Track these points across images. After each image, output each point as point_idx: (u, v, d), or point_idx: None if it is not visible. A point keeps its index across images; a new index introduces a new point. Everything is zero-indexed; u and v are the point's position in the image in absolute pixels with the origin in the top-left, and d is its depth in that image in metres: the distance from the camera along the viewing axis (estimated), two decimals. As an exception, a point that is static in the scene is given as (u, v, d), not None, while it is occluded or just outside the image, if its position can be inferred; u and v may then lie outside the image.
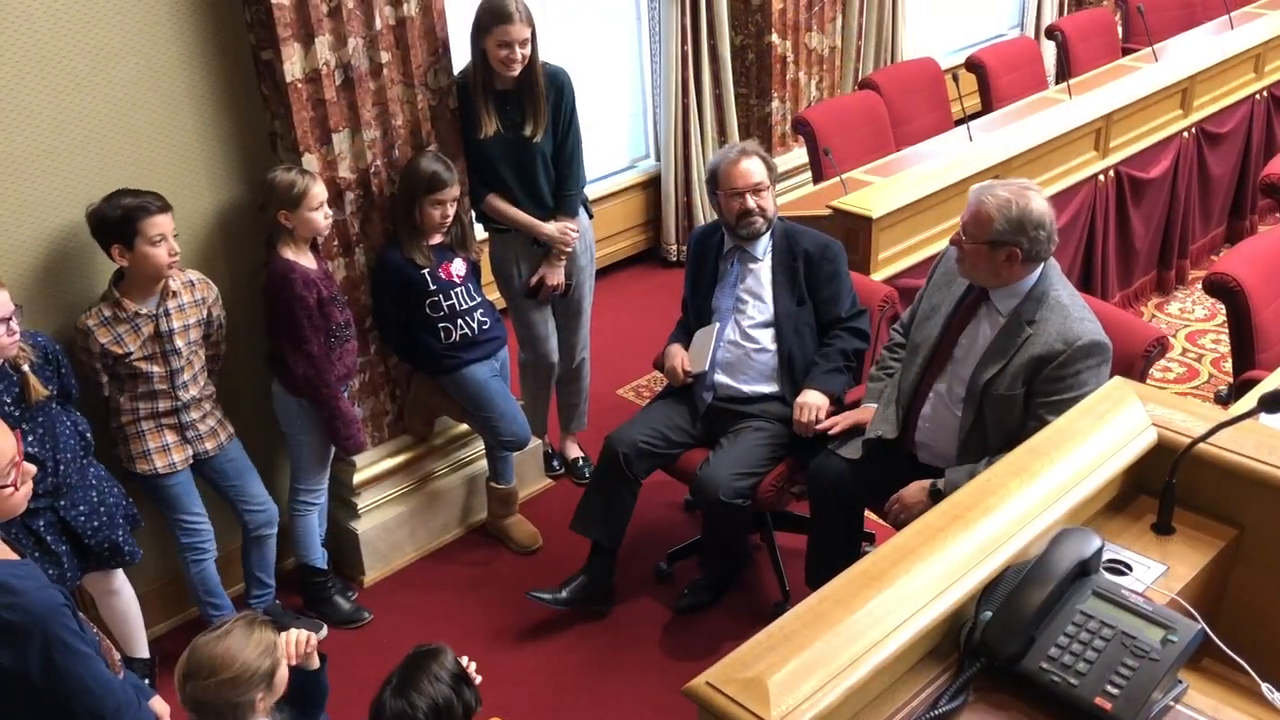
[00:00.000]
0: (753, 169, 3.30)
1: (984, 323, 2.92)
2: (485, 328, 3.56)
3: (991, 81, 5.41)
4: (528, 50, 3.44)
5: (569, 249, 3.77)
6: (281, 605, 3.50)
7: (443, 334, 3.48)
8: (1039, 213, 2.76)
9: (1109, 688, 1.59)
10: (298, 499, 3.46)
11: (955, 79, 4.67)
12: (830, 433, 3.20)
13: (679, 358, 3.47)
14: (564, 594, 3.49)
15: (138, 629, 3.24)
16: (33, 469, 2.03)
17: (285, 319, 3.16)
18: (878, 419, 3.14)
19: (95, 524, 2.88)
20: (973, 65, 5.46)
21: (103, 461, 3.04)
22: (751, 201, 3.30)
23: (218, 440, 3.21)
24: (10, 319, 2.60)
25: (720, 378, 3.41)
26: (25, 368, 2.69)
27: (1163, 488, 1.98)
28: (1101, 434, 2.03)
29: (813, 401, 3.26)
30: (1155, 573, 1.90)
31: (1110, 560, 1.88)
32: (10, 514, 2.01)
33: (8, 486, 1.94)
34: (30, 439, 2.71)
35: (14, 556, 2.05)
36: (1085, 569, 1.74)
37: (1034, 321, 2.80)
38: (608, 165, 5.58)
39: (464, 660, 2.41)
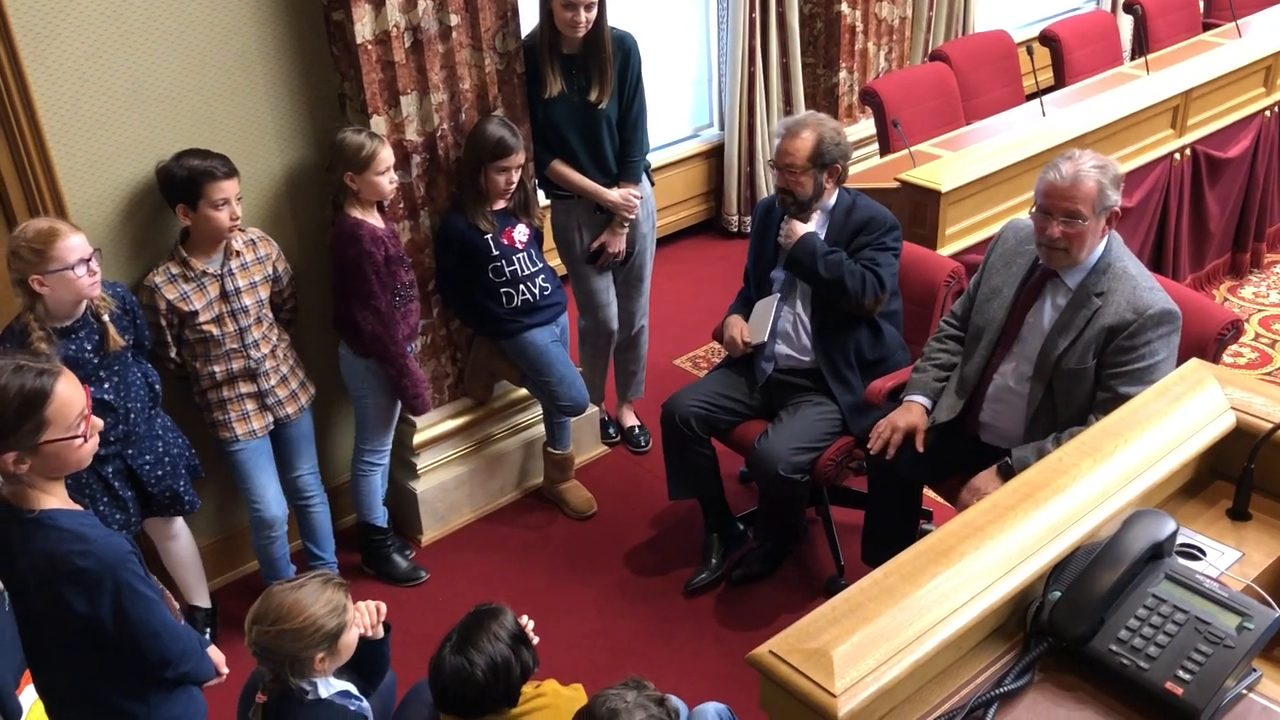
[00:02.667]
0: (792, 149, 3.21)
1: (1050, 300, 2.89)
2: (546, 293, 3.57)
3: (1066, 56, 5.29)
4: (593, 14, 3.42)
5: (632, 215, 3.76)
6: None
7: (504, 299, 3.50)
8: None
9: (1180, 673, 1.56)
10: (362, 459, 3.50)
11: (1030, 52, 4.57)
12: (889, 452, 3.06)
13: (738, 328, 3.45)
14: (714, 561, 3.54)
15: (198, 576, 3.31)
16: (100, 423, 2.07)
17: (354, 276, 3.18)
18: (940, 407, 3.09)
19: (159, 473, 2.95)
20: (1047, 38, 5.33)
21: (193, 425, 3.11)
22: (783, 179, 3.26)
23: (298, 404, 3.26)
24: (90, 259, 2.66)
25: (781, 348, 3.39)
26: (105, 317, 2.76)
27: (1240, 473, 1.93)
28: (1177, 416, 1.98)
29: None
30: (1230, 559, 1.86)
31: (1183, 545, 1.85)
32: (78, 466, 2.05)
33: (77, 438, 1.97)
34: (105, 386, 2.78)
35: (77, 507, 2.09)
36: (1158, 552, 1.71)
37: (1102, 293, 2.78)
38: (671, 133, 5.54)
39: (523, 620, 2.44)
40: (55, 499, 2.03)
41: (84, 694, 2.17)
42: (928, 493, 3.38)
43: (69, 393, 1.95)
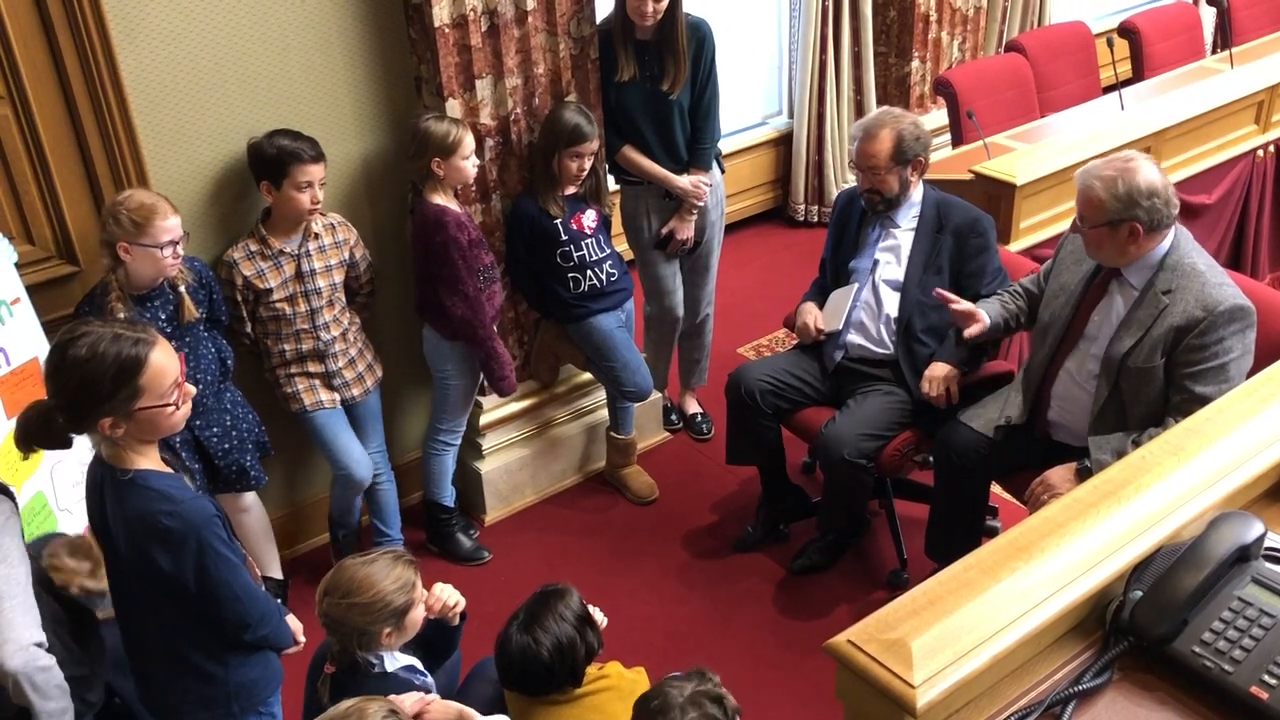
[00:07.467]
0: (873, 151, 3.21)
1: (1116, 298, 2.86)
2: (613, 279, 3.58)
3: (1145, 48, 5.18)
4: (662, 5, 3.41)
5: (701, 203, 3.76)
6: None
7: (571, 284, 3.51)
8: (1148, 182, 2.69)
9: (1266, 678, 1.53)
10: (436, 438, 3.54)
11: (1109, 44, 4.48)
12: (952, 305, 3.06)
13: (813, 315, 3.43)
14: (761, 518, 3.65)
15: (270, 547, 3.39)
16: (193, 390, 2.12)
17: (440, 262, 3.21)
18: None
19: (226, 446, 3.01)
20: (1126, 30, 5.23)
21: (266, 401, 3.17)
22: (867, 180, 3.25)
23: (364, 386, 3.32)
24: (179, 242, 2.73)
25: (853, 338, 3.37)
26: (182, 289, 2.83)
27: (1329, 477, 1.89)
28: (1264, 417, 1.94)
29: (939, 374, 3.19)
30: (1317, 565, 1.81)
31: (1270, 549, 1.81)
32: (170, 431, 2.10)
33: (170, 405, 2.03)
34: None
35: (168, 470, 2.14)
36: (1245, 555, 1.67)
37: (1170, 291, 2.74)
38: (740, 120, 5.51)
39: (594, 611, 2.46)
40: (148, 460, 2.09)
41: (168, 651, 2.23)
42: (994, 489, 3.34)
43: (163, 361, 2.00)
